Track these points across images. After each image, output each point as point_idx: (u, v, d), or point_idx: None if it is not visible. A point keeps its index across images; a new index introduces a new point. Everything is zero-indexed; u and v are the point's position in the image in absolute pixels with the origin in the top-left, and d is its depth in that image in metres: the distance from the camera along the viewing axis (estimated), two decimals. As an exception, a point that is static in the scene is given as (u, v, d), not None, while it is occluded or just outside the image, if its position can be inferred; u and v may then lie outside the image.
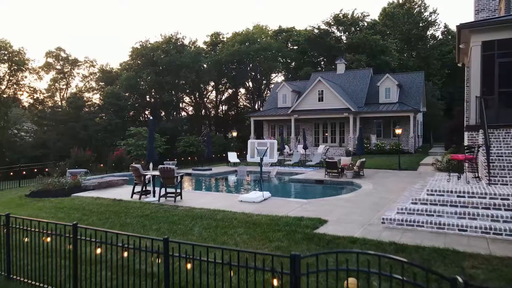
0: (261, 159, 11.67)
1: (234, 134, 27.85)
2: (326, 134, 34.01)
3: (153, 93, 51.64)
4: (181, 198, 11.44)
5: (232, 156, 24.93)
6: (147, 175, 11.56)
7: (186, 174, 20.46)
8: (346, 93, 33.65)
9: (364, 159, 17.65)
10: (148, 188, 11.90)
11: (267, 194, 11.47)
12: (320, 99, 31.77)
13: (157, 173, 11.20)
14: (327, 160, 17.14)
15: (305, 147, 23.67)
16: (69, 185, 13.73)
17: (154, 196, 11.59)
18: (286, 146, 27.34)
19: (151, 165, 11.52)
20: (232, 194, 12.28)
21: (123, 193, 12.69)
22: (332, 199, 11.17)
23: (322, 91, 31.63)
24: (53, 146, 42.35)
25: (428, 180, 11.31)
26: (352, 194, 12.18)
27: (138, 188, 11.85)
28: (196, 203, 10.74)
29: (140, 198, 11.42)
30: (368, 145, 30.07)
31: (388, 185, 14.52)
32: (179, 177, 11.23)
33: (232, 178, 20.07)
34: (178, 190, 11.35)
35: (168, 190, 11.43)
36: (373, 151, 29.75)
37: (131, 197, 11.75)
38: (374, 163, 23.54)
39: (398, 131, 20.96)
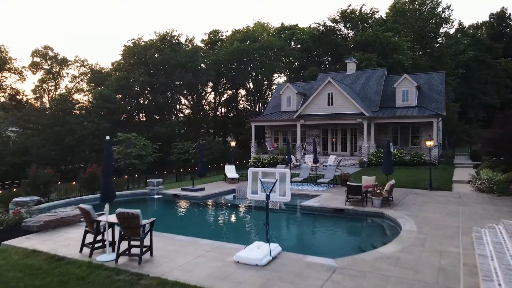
0: (268, 196, 8.11)
1: (233, 144, 24.25)
2: (334, 140, 30.48)
3: (148, 95, 48.09)
4: (150, 255, 7.88)
5: (230, 170, 21.37)
6: (101, 221, 7.98)
7: (174, 195, 16.93)
8: (358, 96, 30.10)
9: (393, 182, 14.08)
10: (108, 232, 8.32)
11: (275, 248, 7.91)
12: (330, 103, 28.21)
13: (114, 219, 7.63)
14: (348, 183, 13.58)
15: (315, 161, 20.10)
16: (7, 223, 10.19)
17: (113, 250, 8.03)
18: (292, 156, 23.82)
19: (107, 206, 7.90)
20: (226, 246, 8.68)
21: (74, 240, 9.10)
22: (372, 259, 7.60)
23: (332, 93, 28.08)
24: (35, 152, 38.83)
25: (507, 225, 7.74)
26: (396, 245, 8.59)
27: (94, 237, 8.28)
28: (171, 268, 7.19)
29: (91, 255, 7.86)
30: (382, 154, 26.44)
31: (434, 220, 10.96)
32: (147, 225, 7.67)
33: (228, 201, 16.50)
34: (147, 243, 7.81)
35: (134, 242, 7.88)
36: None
37: (80, 250, 8.19)
38: (397, 179, 19.94)
39: (430, 143, 17.38)
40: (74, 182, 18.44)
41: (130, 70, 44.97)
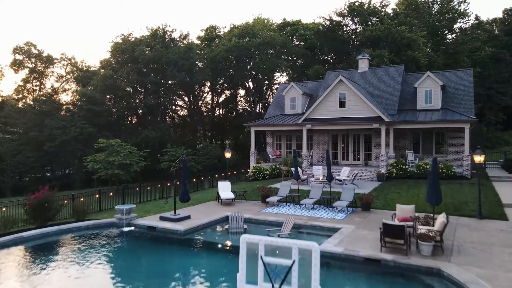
0: (277, 292, 4.26)
1: (228, 155, 20.38)
2: (343, 145, 26.63)
3: (138, 96, 44.21)
4: None
5: (224, 188, 17.48)
6: None
7: (149, 228, 13.03)
8: (373, 97, 26.23)
9: (446, 219, 10.16)
10: None
11: None
12: (341, 105, 24.34)
13: None
14: (385, 222, 9.68)
15: (329, 178, 16.19)
16: None
17: None
18: (299, 169, 19.86)
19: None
20: None
21: None
22: None
23: (344, 94, 24.21)
24: (11, 160, 34.99)
25: None
26: None
27: None
28: None
29: None
30: (406, 166, 22.60)
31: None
32: None
33: (220, 238, 12.59)
34: None
35: None
36: (413, 173, 22.30)
37: None
38: (424, 201, 16.17)
39: (479, 158, 13.47)
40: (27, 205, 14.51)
41: (118, 68, 41.10)
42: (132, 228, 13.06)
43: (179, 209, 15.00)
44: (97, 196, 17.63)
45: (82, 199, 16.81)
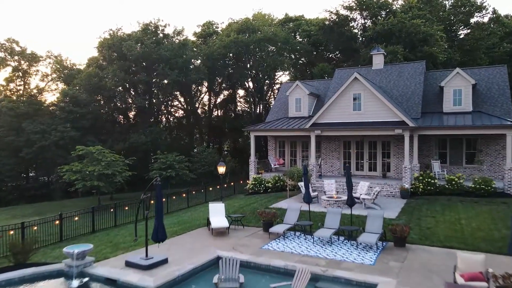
0: None
1: (221, 170, 16.81)
2: (356, 151, 23.10)
3: (127, 97, 40.64)
4: None
5: (216, 213, 13.88)
6: None
7: (107, 281, 9.41)
8: (391, 98, 22.67)
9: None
10: None
11: None
12: (356, 107, 20.79)
13: None
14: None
15: (351, 202, 12.62)
16: None
17: None
18: (310, 186, 16.23)
19: None
20: None
21: None
22: None
23: (359, 95, 20.66)
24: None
25: None
26: None
27: None
28: None
29: None
30: (435, 180, 19.01)
31: None
32: None
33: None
34: None
35: None
36: (443, 189, 18.74)
37: None
38: (475, 229, 12.70)
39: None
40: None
41: (105, 66, 37.51)
42: (86, 279, 9.47)
43: (154, 245, 11.44)
44: (57, 222, 14.05)
45: (35, 227, 13.29)
